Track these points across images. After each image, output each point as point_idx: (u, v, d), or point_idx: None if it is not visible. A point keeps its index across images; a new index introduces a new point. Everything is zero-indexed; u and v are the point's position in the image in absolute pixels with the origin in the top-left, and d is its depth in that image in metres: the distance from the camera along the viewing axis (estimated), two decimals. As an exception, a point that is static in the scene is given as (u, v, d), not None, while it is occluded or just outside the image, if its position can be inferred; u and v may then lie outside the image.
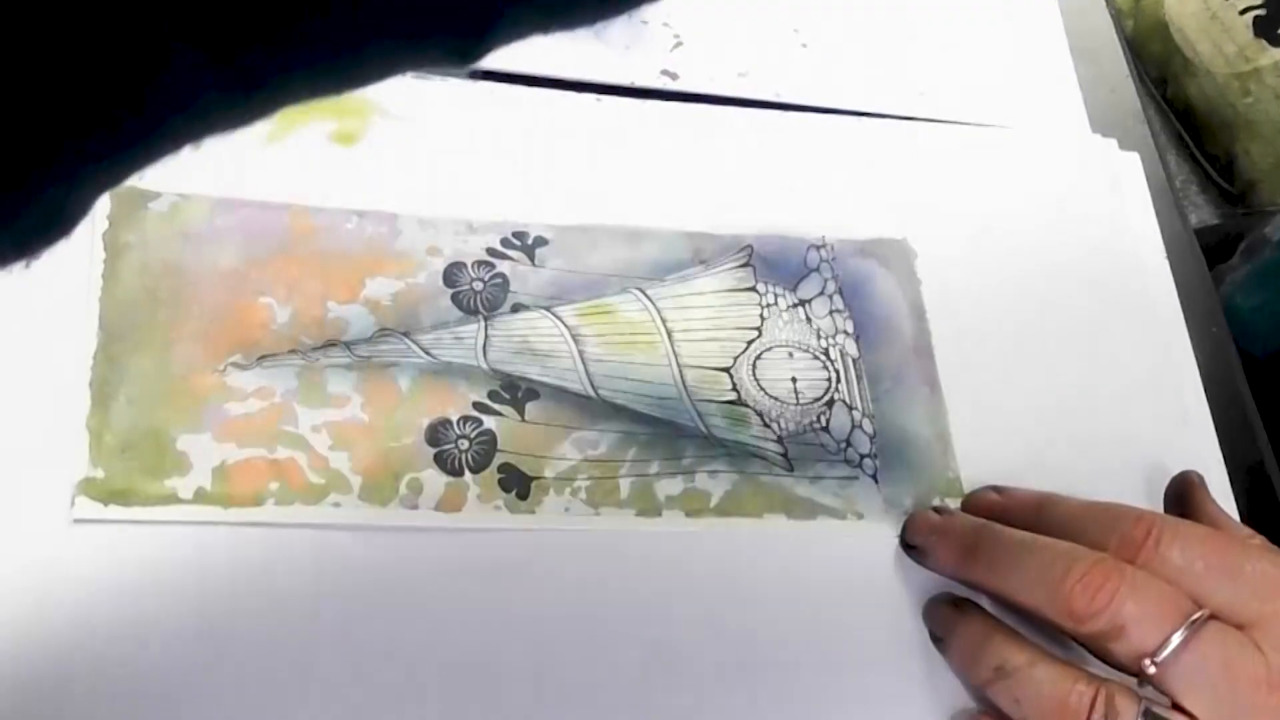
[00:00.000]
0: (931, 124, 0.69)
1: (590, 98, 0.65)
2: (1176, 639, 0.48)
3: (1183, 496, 0.58)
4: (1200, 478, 0.58)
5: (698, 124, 0.66)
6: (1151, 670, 0.48)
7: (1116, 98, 0.74)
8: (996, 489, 0.57)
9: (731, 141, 0.65)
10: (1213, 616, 0.49)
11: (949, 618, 0.54)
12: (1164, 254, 0.69)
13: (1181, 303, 0.67)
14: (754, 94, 0.68)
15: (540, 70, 0.65)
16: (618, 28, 0.67)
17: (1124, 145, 0.72)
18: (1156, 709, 0.48)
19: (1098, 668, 0.50)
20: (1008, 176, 0.69)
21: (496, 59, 0.65)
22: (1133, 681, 0.49)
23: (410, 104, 0.62)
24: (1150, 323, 0.66)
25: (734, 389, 0.59)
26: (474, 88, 0.64)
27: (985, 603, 0.55)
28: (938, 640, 0.55)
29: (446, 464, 0.54)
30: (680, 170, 0.64)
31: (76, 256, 0.54)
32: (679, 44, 0.68)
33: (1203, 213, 0.85)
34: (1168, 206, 0.71)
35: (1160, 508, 0.58)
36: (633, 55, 0.67)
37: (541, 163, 0.62)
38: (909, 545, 0.56)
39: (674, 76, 0.67)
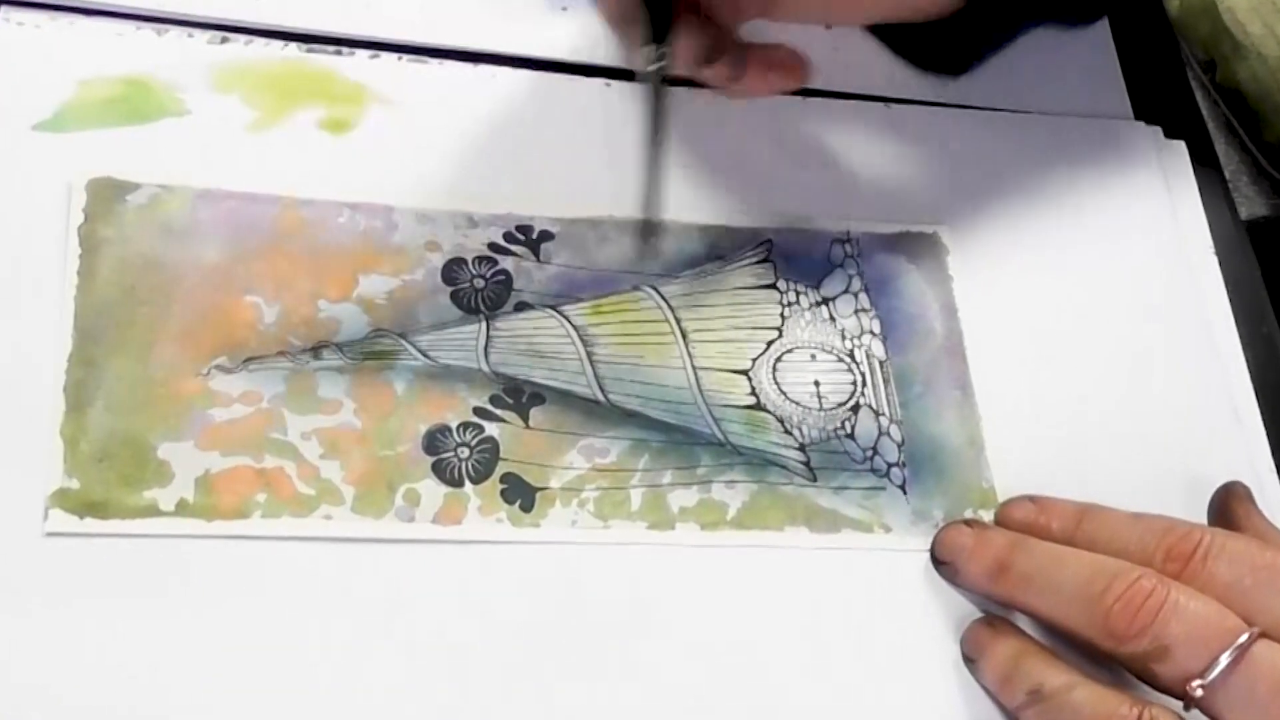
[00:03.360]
0: (965, 110, 0.69)
1: (599, 82, 0.65)
2: (1225, 660, 0.48)
3: (1227, 509, 0.57)
4: (1246, 489, 0.58)
5: (714, 110, 0.65)
6: (1199, 693, 0.48)
7: (1162, 82, 0.74)
8: (1033, 499, 0.57)
9: (751, 129, 0.65)
10: (1263, 635, 0.48)
11: (982, 638, 0.54)
12: (1212, 248, 0.68)
13: (1231, 300, 0.67)
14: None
15: (546, 53, 0.65)
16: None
17: (1170, 133, 0.71)
18: None
19: (1141, 693, 0.50)
20: (1046, 166, 0.68)
21: (496, 42, 0.65)
22: (1178, 705, 0.49)
23: (407, 90, 0.62)
24: (1198, 322, 0.65)
25: (753, 393, 0.58)
26: (475, 71, 0.63)
27: (1022, 624, 0.54)
28: (970, 662, 0.54)
29: (445, 474, 0.54)
30: (695, 160, 0.63)
31: (50, 252, 0.54)
32: (694, 26, 0.68)
33: (1254, 205, 0.84)
34: (1217, 198, 0.70)
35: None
36: None
37: (547, 152, 0.62)
38: (939, 561, 0.56)
39: None
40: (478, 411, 0.55)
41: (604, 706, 0.51)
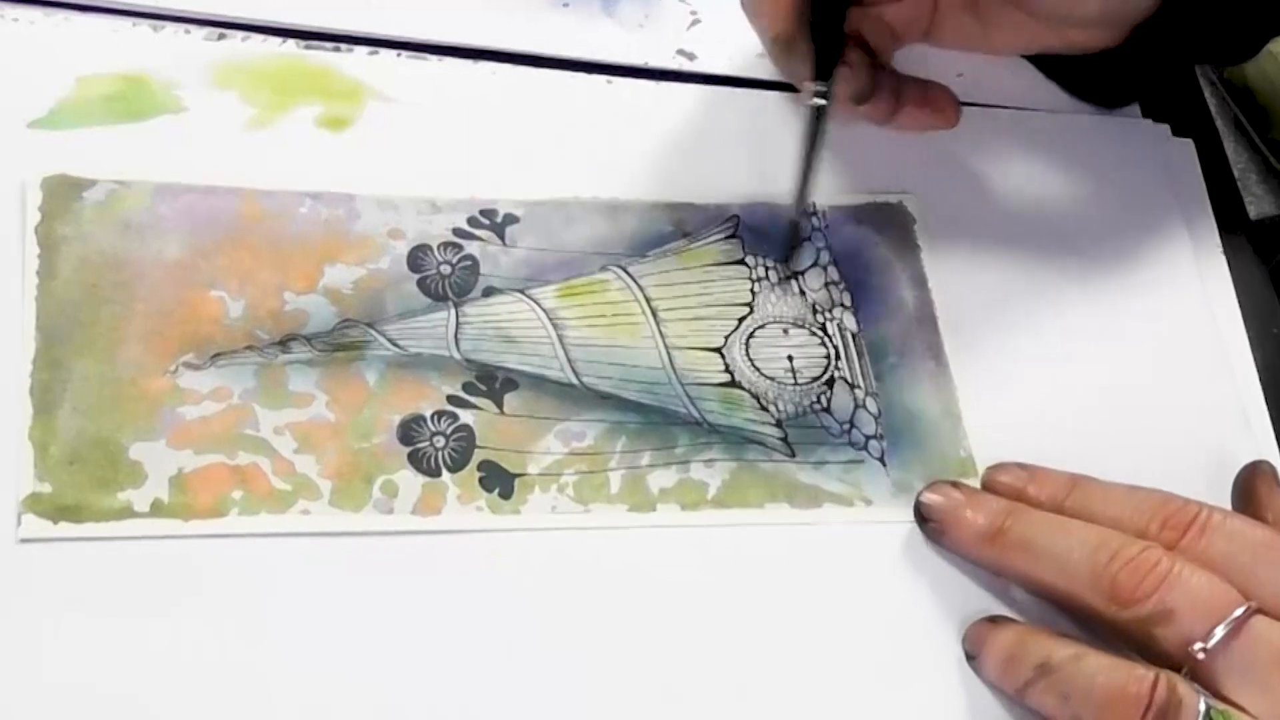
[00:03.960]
0: (972, 108, 0.68)
1: (600, 79, 0.65)
2: (1221, 631, 0.48)
3: (1251, 487, 0.57)
4: (1273, 469, 0.58)
5: (705, 103, 0.65)
6: (1200, 656, 0.48)
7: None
8: (1023, 465, 0.57)
9: (743, 123, 0.65)
10: (1260, 610, 0.49)
11: (982, 631, 0.53)
12: (1220, 248, 0.68)
13: (1239, 300, 0.67)
14: (776, 75, 0.66)
15: (547, 50, 0.65)
16: (631, 4, 0.67)
17: (1178, 130, 0.71)
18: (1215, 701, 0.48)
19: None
20: (1052, 162, 0.68)
21: (496, 39, 0.65)
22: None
23: (407, 86, 0.62)
24: (1205, 320, 0.65)
25: (727, 370, 0.58)
26: (475, 68, 0.64)
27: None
28: (971, 659, 0.53)
29: (422, 463, 0.53)
30: (660, 137, 0.64)
31: (7, 253, 0.53)
32: (696, 21, 0.68)
33: (1262, 204, 0.84)
34: (1225, 197, 0.70)
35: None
36: (647, 34, 0.67)
37: (514, 138, 0.62)
38: (925, 520, 0.56)
39: (691, 56, 0.67)
40: (451, 399, 0.55)
41: (589, 692, 0.51)
